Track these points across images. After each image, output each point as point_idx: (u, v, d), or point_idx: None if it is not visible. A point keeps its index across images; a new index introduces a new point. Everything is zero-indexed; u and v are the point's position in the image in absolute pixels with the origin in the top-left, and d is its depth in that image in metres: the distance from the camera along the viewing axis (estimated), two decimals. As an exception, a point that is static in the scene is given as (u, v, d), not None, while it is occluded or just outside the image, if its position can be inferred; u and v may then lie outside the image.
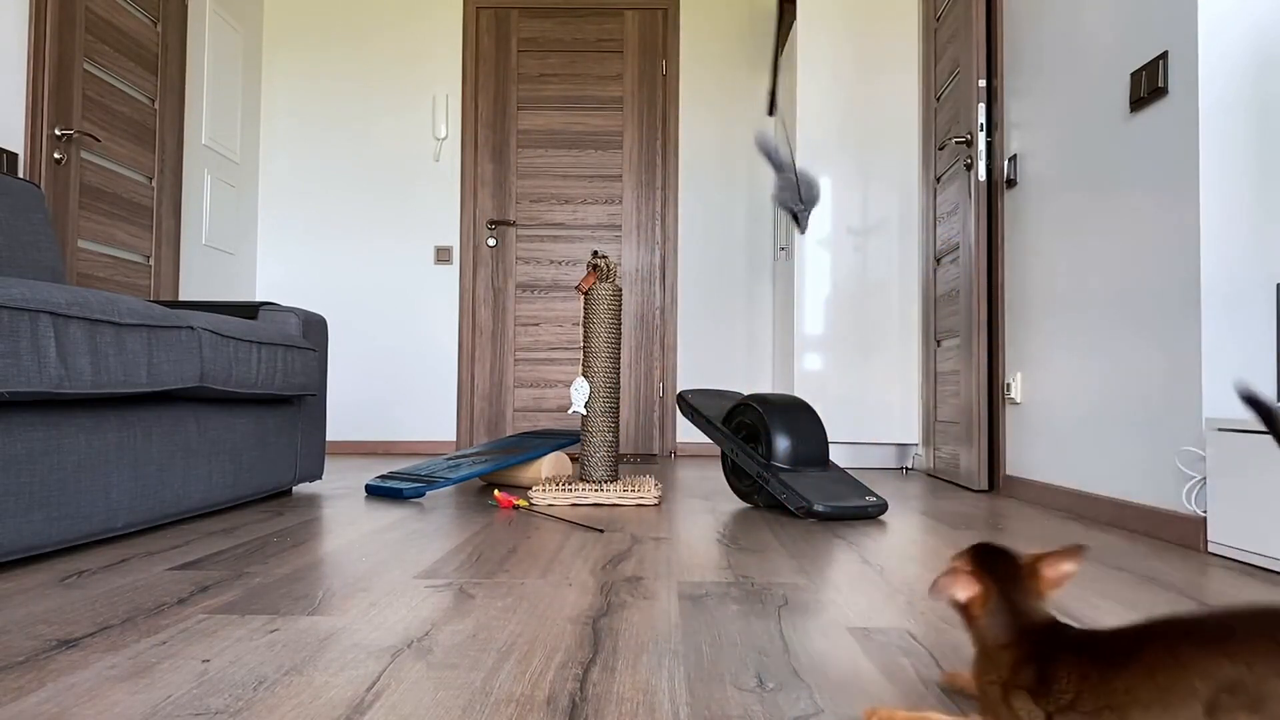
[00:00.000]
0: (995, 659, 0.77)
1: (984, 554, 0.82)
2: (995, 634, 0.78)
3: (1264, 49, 1.97)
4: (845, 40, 4.05)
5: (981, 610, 0.79)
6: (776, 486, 2.44)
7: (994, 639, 0.78)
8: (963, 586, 0.81)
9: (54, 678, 1.00)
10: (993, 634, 0.78)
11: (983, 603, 0.79)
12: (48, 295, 1.60)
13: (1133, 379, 2.26)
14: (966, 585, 0.81)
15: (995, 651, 0.78)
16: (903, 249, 4.01)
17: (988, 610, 0.79)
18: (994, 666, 0.77)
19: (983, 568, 0.81)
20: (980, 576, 0.81)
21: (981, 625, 0.79)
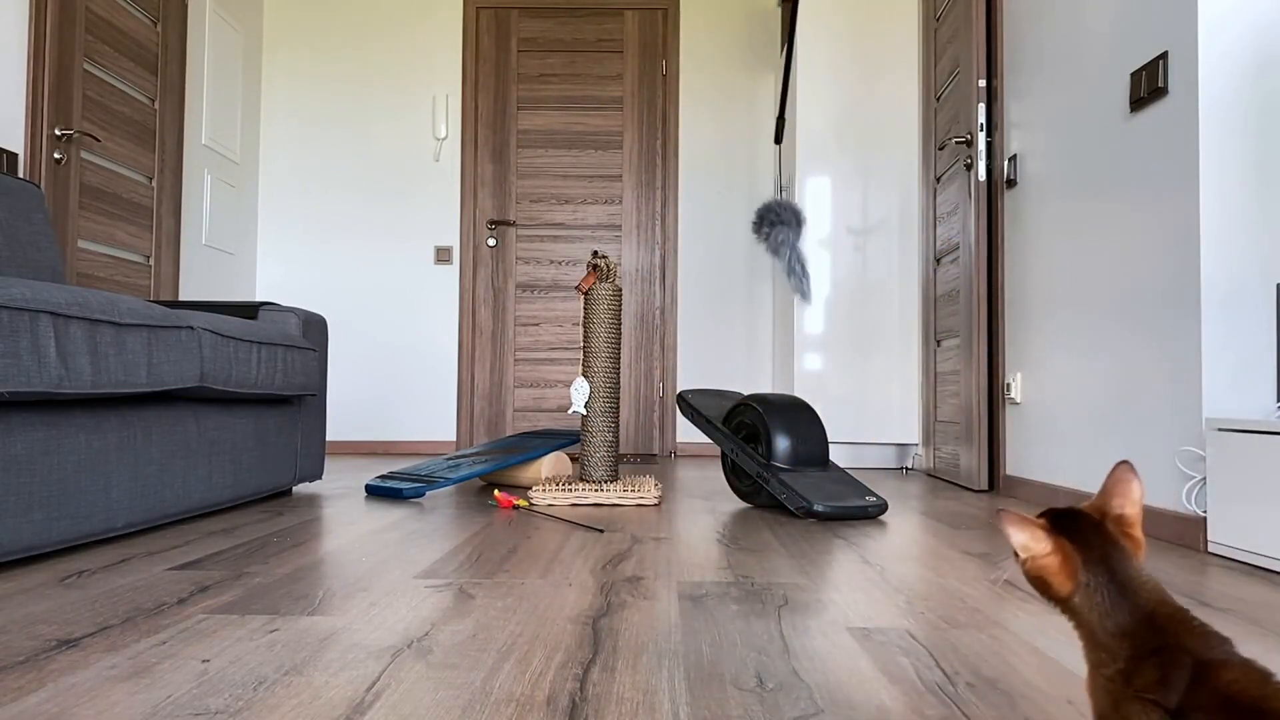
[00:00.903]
0: (1109, 650, 0.63)
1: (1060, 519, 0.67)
2: (1106, 620, 0.63)
3: (1264, 49, 1.97)
4: (845, 40, 4.05)
5: (1074, 588, 0.65)
6: (776, 486, 2.44)
7: (1105, 627, 0.63)
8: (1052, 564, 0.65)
9: (54, 678, 1.00)
10: (1103, 620, 0.63)
11: (1071, 577, 0.65)
12: (48, 295, 1.60)
13: (1133, 379, 2.26)
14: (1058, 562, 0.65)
15: (1108, 641, 0.63)
16: (903, 249, 4.01)
17: (1086, 589, 0.64)
18: (1109, 658, 0.63)
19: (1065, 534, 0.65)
20: (1065, 546, 0.65)
21: (1083, 609, 0.64)
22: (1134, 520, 0.66)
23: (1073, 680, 1.04)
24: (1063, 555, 0.64)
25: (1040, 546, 0.65)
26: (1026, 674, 1.06)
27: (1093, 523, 0.66)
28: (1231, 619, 1.35)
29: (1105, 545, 0.65)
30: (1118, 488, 0.67)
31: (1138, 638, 0.62)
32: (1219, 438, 1.88)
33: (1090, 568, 0.64)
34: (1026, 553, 0.65)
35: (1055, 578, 0.65)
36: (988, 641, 1.20)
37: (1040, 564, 0.65)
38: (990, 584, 1.58)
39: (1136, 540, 0.66)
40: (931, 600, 1.44)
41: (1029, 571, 0.66)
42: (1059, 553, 0.65)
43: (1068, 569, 0.64)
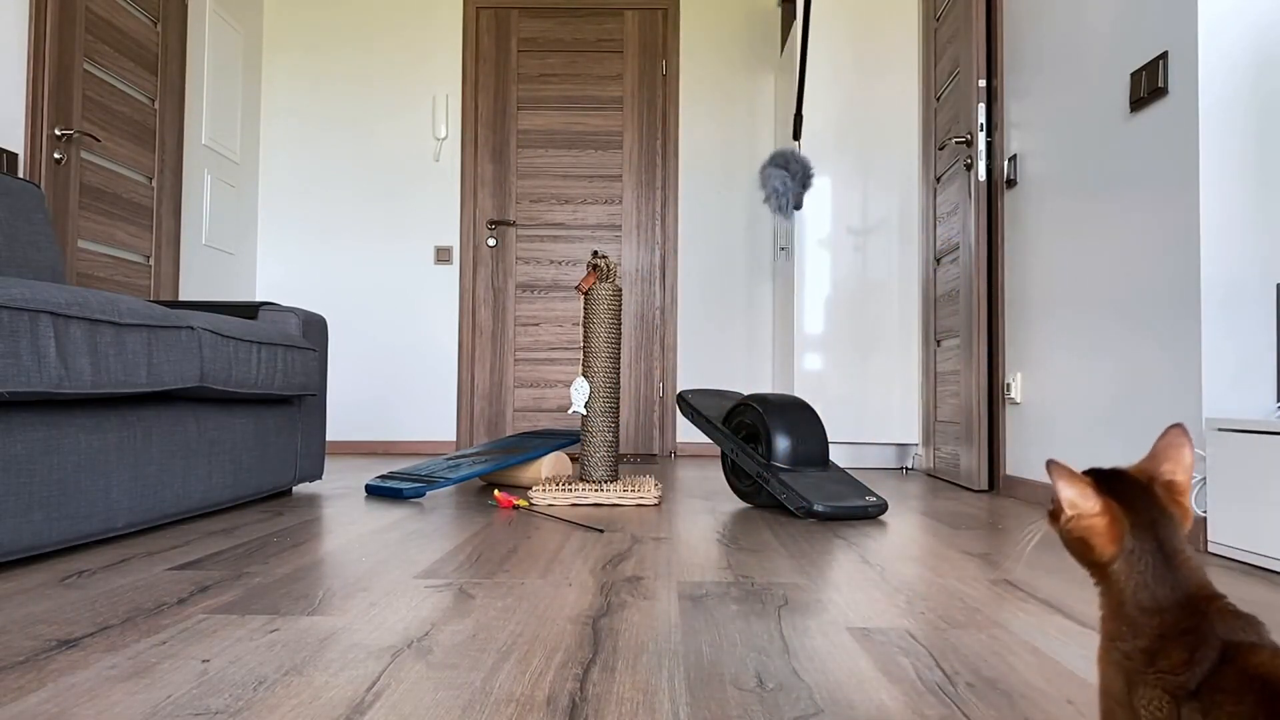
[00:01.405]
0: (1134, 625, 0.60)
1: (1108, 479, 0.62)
2: (1143, 593, 0.60)
3: (1264, 49, 1.97)
4: (845, 40, 4.05)
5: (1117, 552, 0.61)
6: (776, 486, 2.44)
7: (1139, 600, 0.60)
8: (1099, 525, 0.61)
9: (54, 678, 1.01)
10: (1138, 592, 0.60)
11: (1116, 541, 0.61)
12: (48, 295, 1.60)
13: (1133, 379, 2.26)
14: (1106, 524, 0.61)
15: (1136, 615, 0.60)
16: (903, 249, 4.01)
17: (1129, 557, 0.60)
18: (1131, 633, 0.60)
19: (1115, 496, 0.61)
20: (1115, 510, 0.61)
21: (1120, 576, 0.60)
22: (1184, 488, 0.62)
23: (1073, 680, 1.04)
24: (1111, 517, 0.61)
25: (1089, 505, 0.61)
26: (1026, 674, 1.06)
27: (1141, 486, 0.62)
28: (1231, 619, 1.35)
29: (1154, 511, 0.61)
30: (1169, 452, 0.63)
31: (1170, 615, 0.59)
32: (1219, 438, 1.88)
33: (1137, 533, 0.60)
34: (1073, 510, 0.61)
35: (1099, 539, 0.61)
36: (988, 641, 1.20)
37: (1086, 524, 0.61)
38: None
39: (1185, 509, 0.62)
40: (931, 600, 1.44)
41: (1070, 531, 0.62)
42: (1107, 514, 0.61)
43: (1114, 532, 0.61)
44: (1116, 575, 0.61)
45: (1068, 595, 1.49)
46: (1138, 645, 0.60)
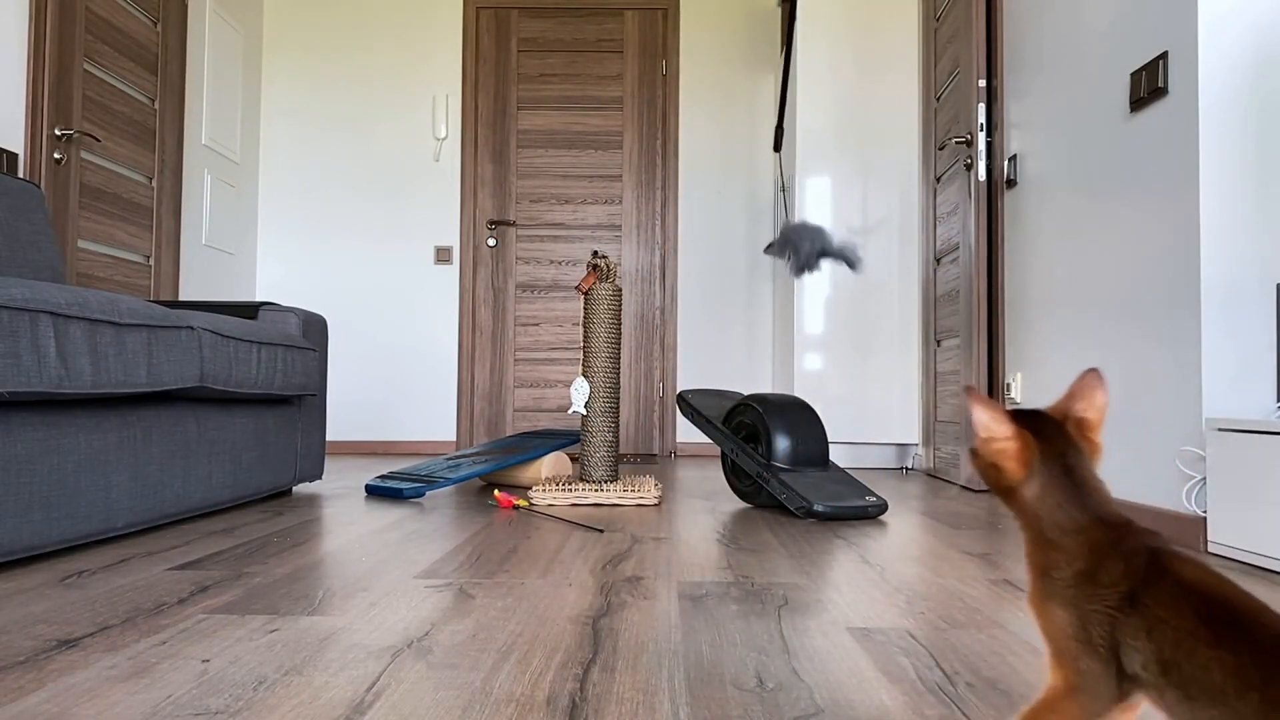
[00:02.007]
0: (1064, 549, 0.63)
1: (1024, 414, 0.67)
2: (1058, 514, 0.64)
3: (1264, 49, 1.97)
4: (845, 40, 4.05)
5: (1025, 476, 0.65)
6: (776, 486, 2.44)
7: (1057, 522, 0.63)
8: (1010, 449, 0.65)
9: (54, 678, 1.00)
10: (1054, 514, 0.64)
11: (1025, 465, 0.65)
12: (48, 295, 1.60)
13: (1133, 379, 2.26)
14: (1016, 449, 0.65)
15: (1060, 538, 0.63)
16: (903, 249, 4.01)
17: (1040, 482, 0.65)
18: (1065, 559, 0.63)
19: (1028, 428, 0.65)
20: (1025, 436, 0.65)
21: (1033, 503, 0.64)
22: (1094, 425, 0.67)
23: (1073, 680, 1.04)
24: (1021, 442, 0.65)
25: (1001, 430, 0.65)
26: (1026, 674, 1.06)
27: (1053, 421, 0.67)
28: (1231, 619, 1.35)
29: (1063, 442, 0.65)
30: (1083, 392, 0.67)
31: (1094, 532, 0.62)
32: (1219, 438, 1.88)
33: (1046, 460, 0.65)
34: (986, 433, 0.66)
35: (1010, 463, 0.65)
36: (988, 641, 1.20)
37: (997, 448, 0.65)
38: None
39: (1095, 444, 0.67)
40: (931, 600, 1.44)
41: (984, 456, 0.66)
42: (1018, 439, 0.65)
43: (1023, 456, 0.65)
44: (1030, 503, 0.65)
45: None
46: (1075, 568, 0.62)
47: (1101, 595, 0.61)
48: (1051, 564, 0.64)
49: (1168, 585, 0.59)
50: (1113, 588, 0.61)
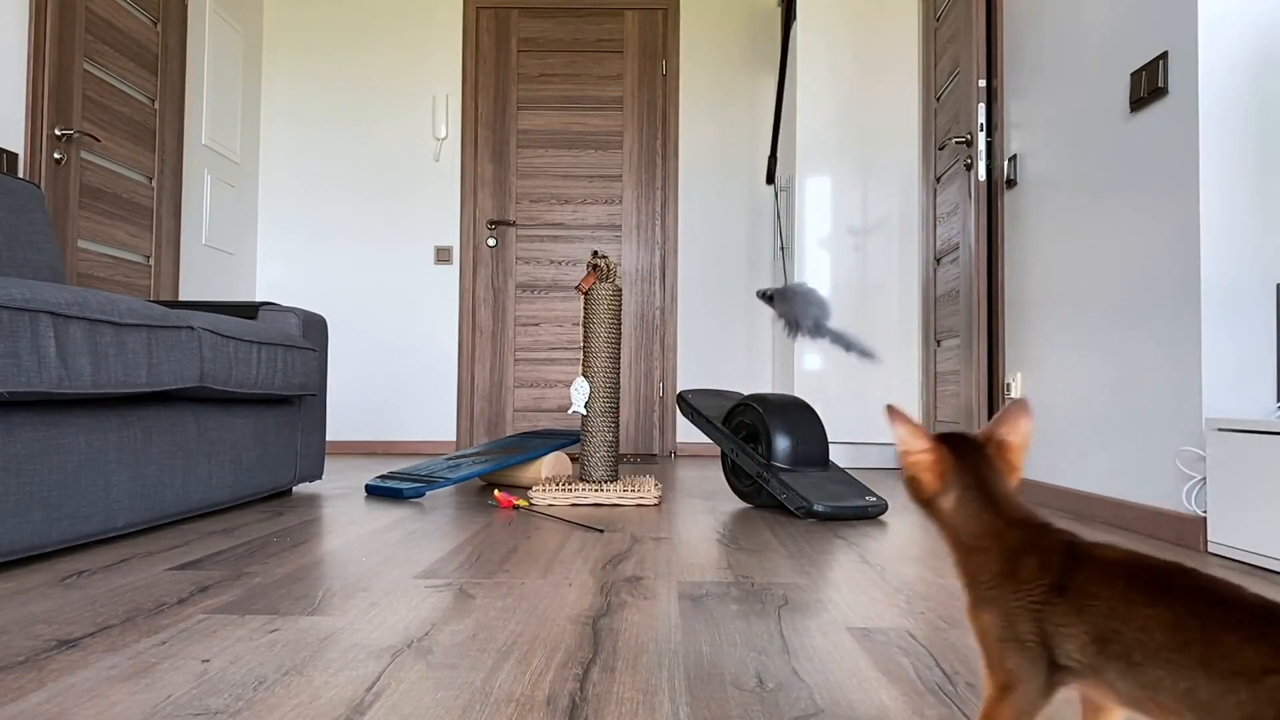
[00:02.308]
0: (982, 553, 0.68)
1: (945, 436, 0.73)
2: (972, 523, 0.69)
3: (1264, 49, 1.97)
4: (845, 40, 4.05)
5: (940, 488, 0.70)
6: (776, 486, 2.44)
7: (970, 529, 0.68)
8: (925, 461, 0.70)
9: (54, 678, 1.00)
10: (968, 523, 0.69)
11: (942, 483, 0.70)
12: (48, 295, 1.60)
13: (1133, 379, 2.26)
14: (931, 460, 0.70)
15: (976, 544, 0.68)
16: (903, 249, 4.01)
17: (955, 494, 0.69)
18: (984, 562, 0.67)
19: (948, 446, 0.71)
20: (940, 450, 0.70)
21: (949, 513, 0.69)
22: (1014, 449, 0.72)
23: (1073, 680, 1.04)
24: (936, 456, 0.70)
25: (917, 444, 0.70)
26: (1026, 674, 1.06)
27: (972, 441, 0.72)
28: (1231, 619, 1.35)
29: (979, 459, 0.70)
30: (1008, 419, 0.72)
31: (1009, 537, 0.66)
32: (1219, 438, 1.88)
33: (961, 474, 0.69)
34: (904, 446, 0.71)
35: (926, 475, 0.70)
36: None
37: (914, 459, 0.70)
38: None
39: (1013, 465, 0.71)
40: (931, 600, 1.44)
41: (905, 468, 0.71)
42: (933, 453, 0.70)
43: (937, 469, 0.70)
44: (946, 513, 0.70)
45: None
46: (995, 570, 0.66)
47: (1024, 591, 0.64)
48: (975, 571, 0.68)
49: (1091, 568, 0.62)
50: (1034, 582, 0.64)
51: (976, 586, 0.68)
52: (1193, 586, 0.58)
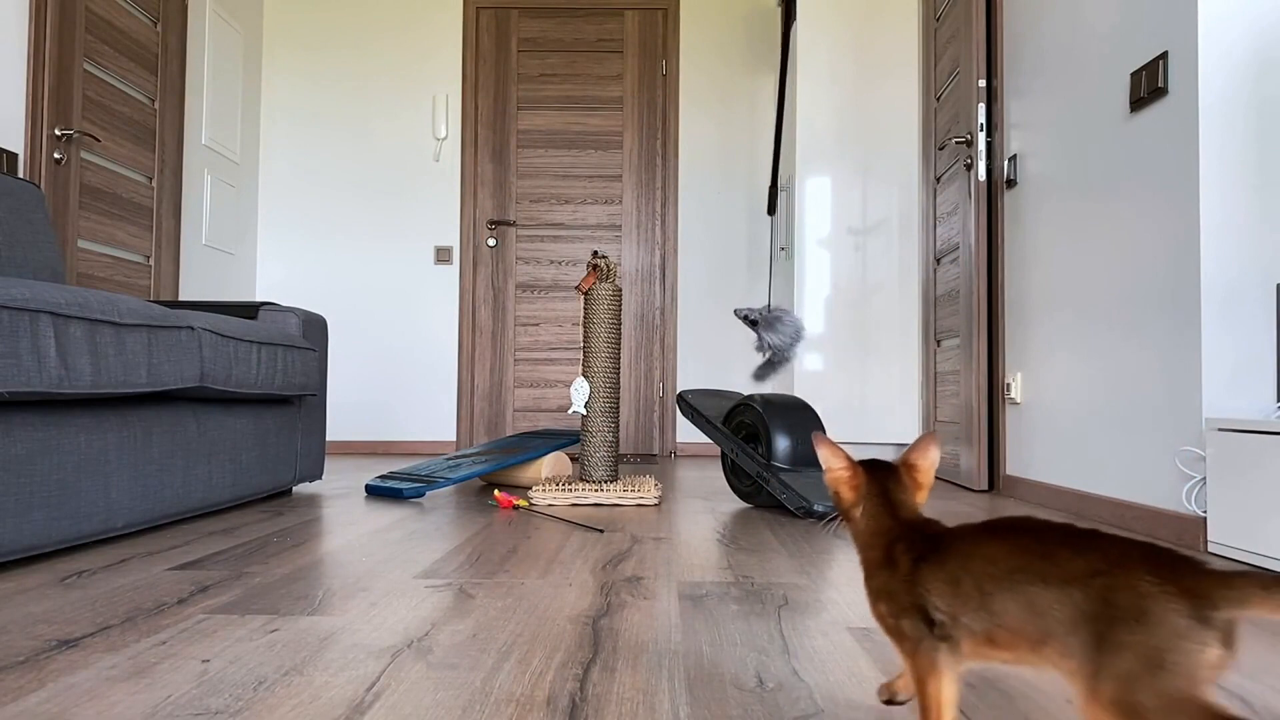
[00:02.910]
0: (874, 546, 0.82)
1: (865, 461, 0.88)
2: (871, 523, 0.83)
3: (1264, 49, 1.97)
4: (845, 40, 4.05)
5: (856, 499, 0.85)
6: (776, 486, 2.44)
7: (870, 529, 0.83)
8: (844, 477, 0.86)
9: (54, 678, 1.00)
10: (869, 524, 0.83)
11: (857, 495, 0.85)
12: (48, 295, 1.60)
13: (1133, 379, 2.26)
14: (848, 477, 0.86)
15: (871, 540, 0.82)
16: (903, 249, 4.01)
17: (865, 503, 0.84)
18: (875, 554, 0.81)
19: (861, 465, 0.87)
20: (856, 468, 0.86)
21: (859, 518, 0.84)
22: (922, 470, 0.86)
23: (1073, 680, 1.04)
24: (852, 472, 0.85)
25: (838, 463, 0.86)
26: (1026, 674, 1.06)
27: (886, 464, 0.86)
28: (1231, 619, 1.35)
29: (890, 479, 0.85)
30: (919, 447, 0.87)
31: (893, 533, 0.81)
32: (1219, 438, 1.88)
33: (871, 488, 0.84)
34: (826, 463, 0.86)
35: (844, 488, 0.85)
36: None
37: (834, 475, 0.86)
38: None
39: (919, 483, 0.86)
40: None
41: (829, 484, 0.87)
42: (849, 470, 0.86)
43: (853, 483, 0.85)
44: (857, 519, 0.84)
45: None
46: (878, 563, 0.80)
47: (898, 570, 0.77)
48: (869, 567, 0.82)
49: (950, 537, 0.76)
50: (904, 559, 0.78)
51: (870, 580, 0.81)
52: (1032, 524, 0.71)
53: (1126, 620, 0.62)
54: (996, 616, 0.69)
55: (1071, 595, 0.65)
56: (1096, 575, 0.64)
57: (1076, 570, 0.65)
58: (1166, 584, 0.62)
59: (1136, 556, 0.64)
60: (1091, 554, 0.65)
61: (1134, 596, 0.62)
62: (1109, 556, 0.65)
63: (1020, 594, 0.68)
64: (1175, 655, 0.60)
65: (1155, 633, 0.61)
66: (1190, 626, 0.61)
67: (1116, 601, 0.63)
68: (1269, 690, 1.02)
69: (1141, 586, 0.62)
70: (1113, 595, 0.63)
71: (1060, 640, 0.65)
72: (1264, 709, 0.95)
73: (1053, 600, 0.65)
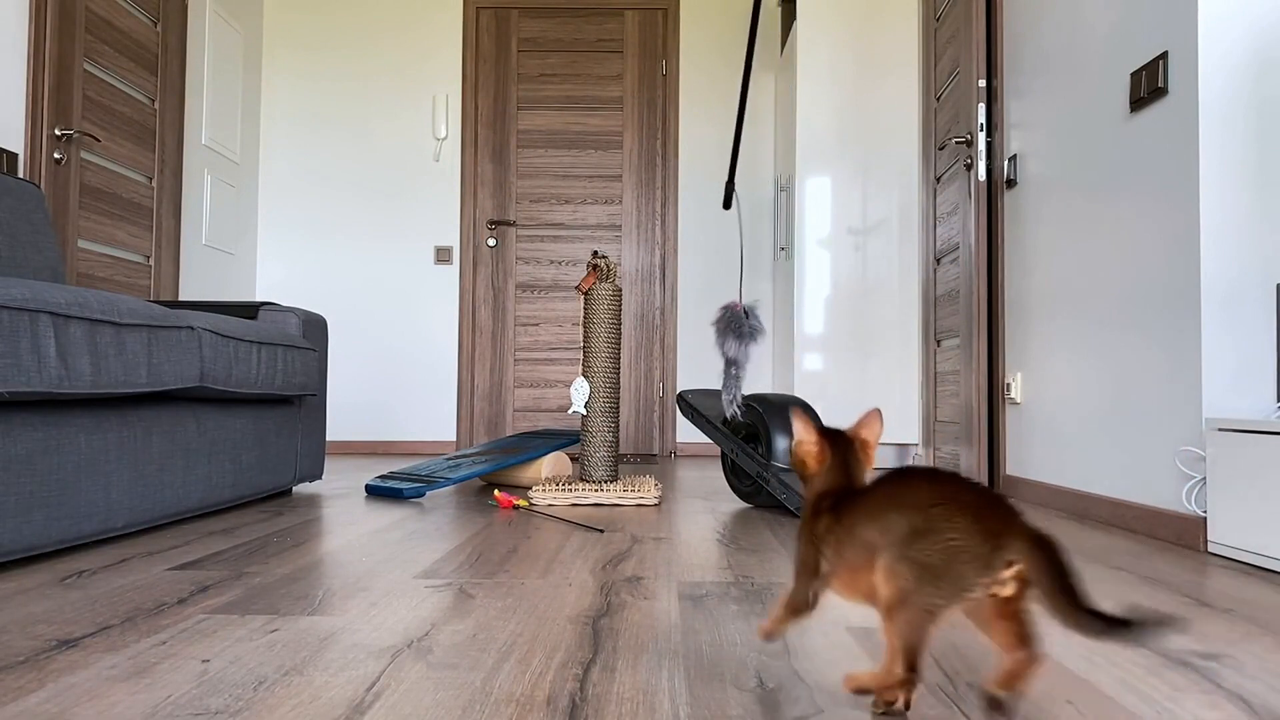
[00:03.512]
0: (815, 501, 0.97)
1: (828, 430, 1.01)
2: (822, 484, 0.98)
3: (1264, 49, 1.97)
4: (845, 40, 4.05)
5: (820, 468, 0.98)
6: (776, 486, 2.44)
7: (819, 488, 0.98)
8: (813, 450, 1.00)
9: (54, 678, 1.01)
10: (823, 484, 0.98)
11: (820, 467, 0.98)
12: (48, 295, 1.60)
13: (1133, 379, 2.26)
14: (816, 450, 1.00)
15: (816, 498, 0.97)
16: (903, 249, 4.01)
17: (824, 469, 0.98)
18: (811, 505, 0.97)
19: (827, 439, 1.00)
20: (823, 441, 1.00)
21: (817, 480, 0.99)
22: (869, 442, 1.01)
23: (1073, 680, 1.04)
24: (820, 445, 0.99)
25: (810, 438, 0.99)
26: (1026, 674, 1.06)
27: (845, 436, 1.00)
28: (1231, 619, 1.35)
29: (847, 450, 0.99)
30: (866, 422, 1.01)
31: (833, 494, 0.95)
32: (1219, 438, 1.88)
33: (833, 458, 0.98)
34: (800, 436, 0.99)
35: (811, 459, 0.99)
36: (988, 641, 1.20)
37: (806, 449, 0.99)
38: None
39: (869, 456, 1.00)
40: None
41: (798, 453, 0.99)
42: (819, 444, 0.99)
43: (820, 456, 0.98)
44: (815, 481, 0.98)
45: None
46: (809, 514, 0.96)
47: (815, 519, 0.94)
48: (804, 515, 0.97)
49: (874, 487, 0.91)
50: (820, 507, 0.95)
51: (804, 525, 0.96)
52: (920, 470, 0.89)
53: (929, 533, 0.83)
54: (859, 543, 0.88)
55: (905, 515, 0.85)
56: (934, 505, 0.84)
57: (920, 499, 0.85)
58: (978, 520, 0.82)
59: (970, 498, 0.84)
60: (934, 486, 0.86)
61: (944, 520, 0.83)
62: (950, 494, 0.85)
63: (880, 519, 0.87)
64: (952, 564, 0.81)
65: (942, 547, 0.82)
66: (974, 552, 0.81)
67: (935, 523, 0.83)
68: (1269, 690, 1.02)
69: (956, 519, 0.82)
70: (931, 518, 0.83)
71: (883, 550, 0.85)
72: (1264, 709, 0.96)
73: (898, 521, 0.85)
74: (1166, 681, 1.04)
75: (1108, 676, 1.06)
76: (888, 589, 0.84)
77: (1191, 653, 1.17)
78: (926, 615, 0.82)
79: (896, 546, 0.84)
